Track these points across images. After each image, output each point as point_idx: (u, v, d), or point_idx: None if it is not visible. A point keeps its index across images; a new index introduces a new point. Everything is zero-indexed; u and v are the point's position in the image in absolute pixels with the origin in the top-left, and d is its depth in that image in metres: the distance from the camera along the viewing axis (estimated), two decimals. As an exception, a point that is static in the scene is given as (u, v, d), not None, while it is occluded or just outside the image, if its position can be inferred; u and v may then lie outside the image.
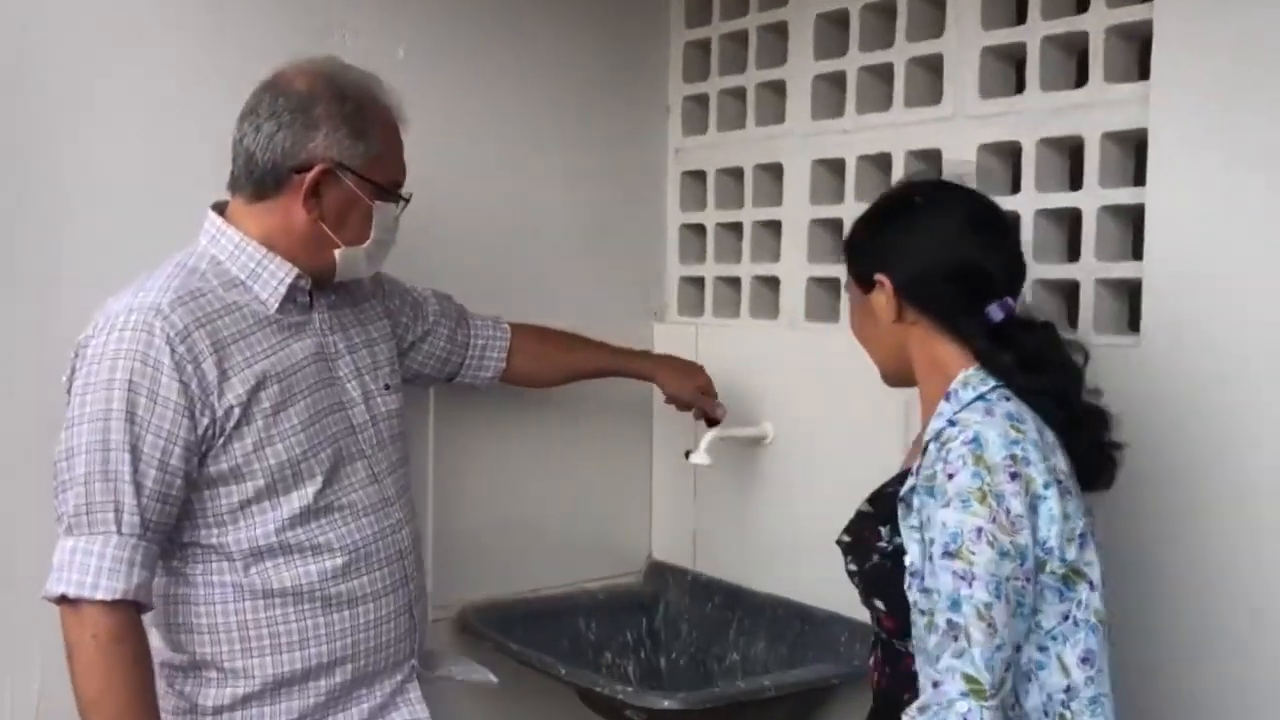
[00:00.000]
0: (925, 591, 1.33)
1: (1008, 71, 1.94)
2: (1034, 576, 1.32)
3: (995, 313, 1.44)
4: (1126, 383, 1.60)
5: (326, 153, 1.55)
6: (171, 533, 1.51)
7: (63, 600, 1.43)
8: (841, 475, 2.06)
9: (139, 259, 1.61)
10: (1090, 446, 1.43)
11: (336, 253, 1.60)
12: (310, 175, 1.54)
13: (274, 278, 1.57)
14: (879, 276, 1.49)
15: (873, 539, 1.49)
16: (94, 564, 1.42)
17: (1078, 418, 1.43)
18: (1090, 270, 1.76)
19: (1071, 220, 1.86)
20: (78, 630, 1.43)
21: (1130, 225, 1.79)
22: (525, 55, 2.27)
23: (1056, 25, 1.79)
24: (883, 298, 1.49)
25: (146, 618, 1.50)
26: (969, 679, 1.26)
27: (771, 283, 2.29)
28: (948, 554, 1.30)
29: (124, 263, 1.61)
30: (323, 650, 1.57)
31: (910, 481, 1.41)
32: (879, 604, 1.47)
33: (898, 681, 1.46)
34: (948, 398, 1.43)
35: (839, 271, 2.13)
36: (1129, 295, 1.79)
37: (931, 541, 1.33)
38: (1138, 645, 1.58)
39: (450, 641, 2.15)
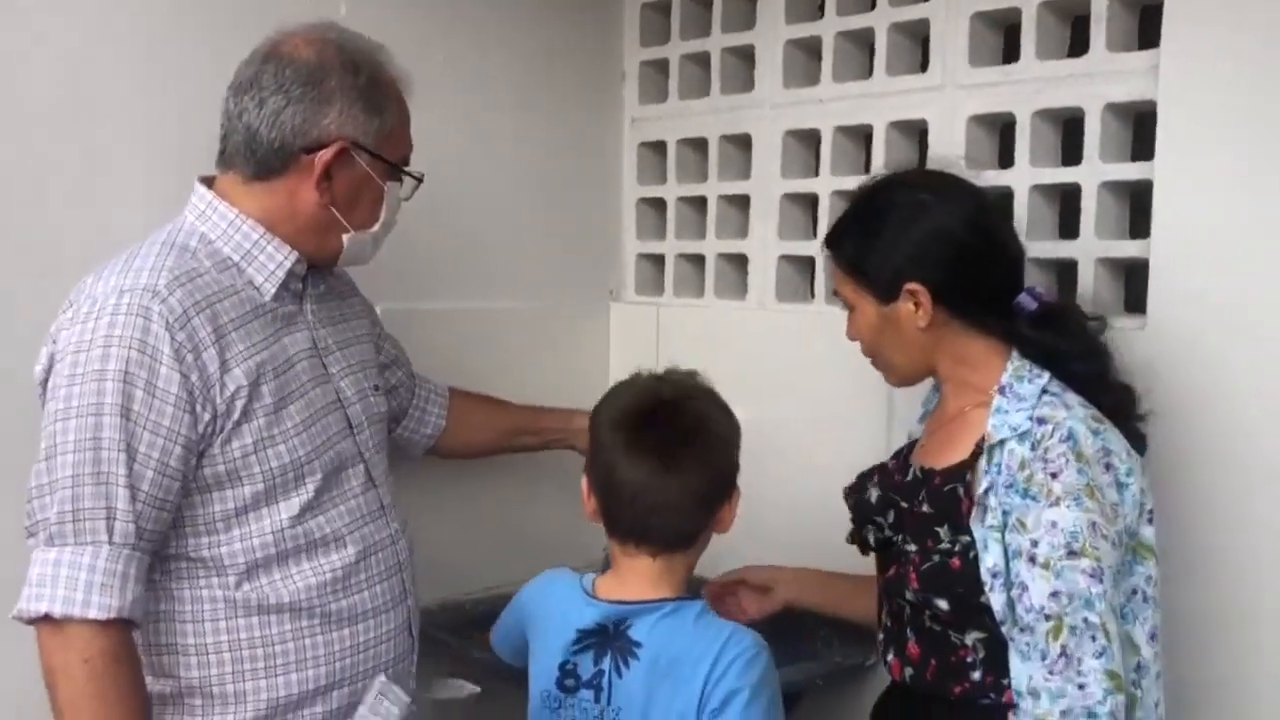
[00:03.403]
0: (1018, 592, 1.31)
1: (996, 39, 1.84)
2: None
3: (1029, 302, 1.44)
4: (1133, 366, 1.53)
5: (340, 130, 1.39)
6: (160, 544, 1.34)
7: (44, 620, 1.25)
8: (815, 465, 1.99)
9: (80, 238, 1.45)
10: (1125, 421, 1.42)
11: (345, 238, 1.45)
12: (325, 155, 1.38)
13: (271, 260, 1.41)
14: (911, 286, 1.43)
15: (929, 540, 1.43)
16: (83, 578, 1.25)
17: (1115, 396, 1.42)
18: (1090, 249, 1.68)
19: (1062, 197, 1.78)
20: (63, 654, 1.25)
21: (1128, 203, 1.72)
22: (468, 18, 2.09)
23: (1056, -10, 1.70)
24: (911, 306, 1.43)
25: None
26: (1111, 675, 1.26)
27: (739, 261, 2.18)
28: (1072, 553, 1.28)
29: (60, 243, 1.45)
30: (320, 672, 1.41)
31: (985, 482, 1.36)
32: (940, 603, 1.40)
33: (948, 672, 1.43)
34: (1003, 392, 1.39)
35: (813, 250, 2.04)
36: (1126, 275, 1.72)
37: (1035, 543, 1.30)
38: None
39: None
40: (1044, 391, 1.38)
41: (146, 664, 1.36)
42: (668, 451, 1.36)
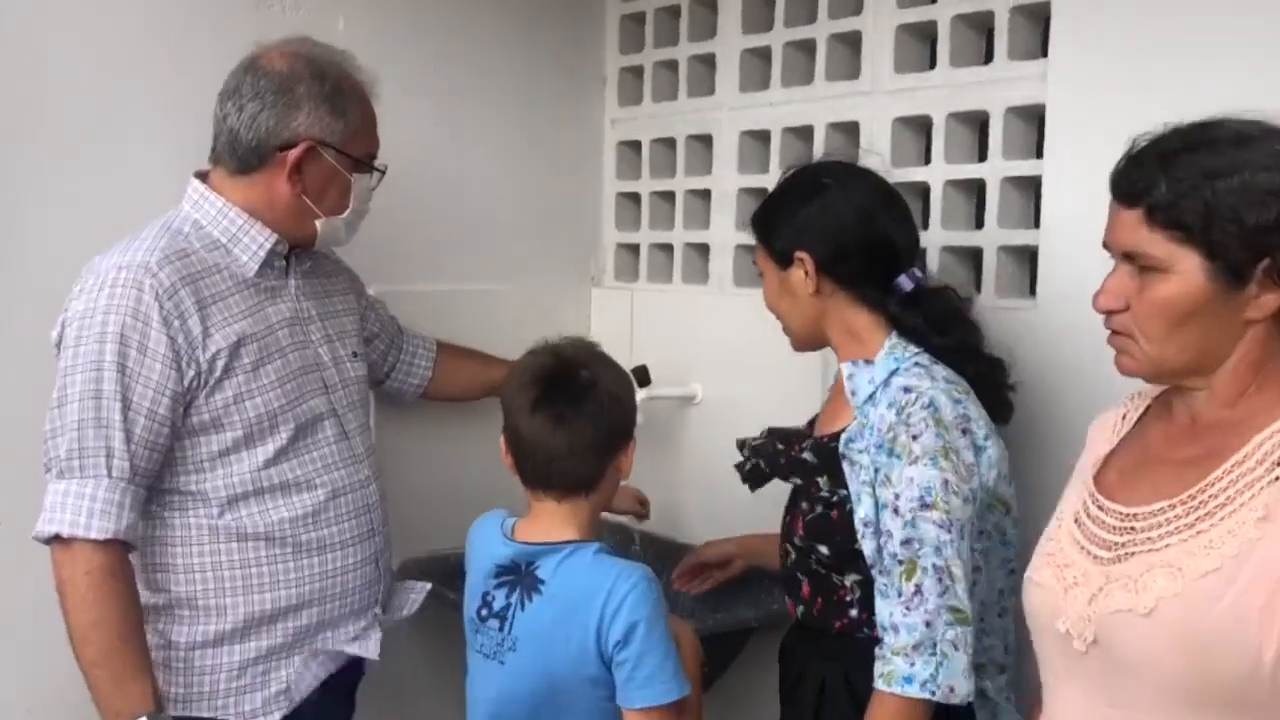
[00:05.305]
0: (884, 539, 1.48)
1: (923, 48, 2.03)
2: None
3: (905, 283, 1.59)
4: (1025, 343, 1.72)
5: (309, 131, 1.62)
6: (154, 479, 1.58)
7: (55, 539, 1.51)
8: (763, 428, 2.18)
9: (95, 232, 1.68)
10: (994, 389, 1.59)
11: (318, 223, 1.68)
12: (294, 153, 1.61)
13: (254, 242, 1.65)
14: (799, 254, 1.61)
15: (812, 489, 1.62)
16: (86, 505, 1.50)
17: (983, 368, 1.59)
18: (993, 238, 1.87)
19: (979, 190, 1.96)
20: (69, 567, 1.50)
21: (1032, 195, 1.90)
22: (463, 28, 2.33)
23: (965, 4, 1.88)
24: (802, 273, 1.61)
25: None
26: (954, 610, 1.43)
27: (702, 249, 2.38)
28: (925, 506, 1.45)
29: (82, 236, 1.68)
30: (291, 593, 1.66)
31: (848, 437, 1.55)
32: (822, 549, 1.59)
33: (831, 609, 1.62)
34: (872, 363, 1.57)
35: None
36: (1030, 261, 1.90)
37: (897, 496, 1.47)
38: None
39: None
40: (915, 364, 1.55)
41: (144, 580, 1.62)
42: (560, 408, 1.55)
